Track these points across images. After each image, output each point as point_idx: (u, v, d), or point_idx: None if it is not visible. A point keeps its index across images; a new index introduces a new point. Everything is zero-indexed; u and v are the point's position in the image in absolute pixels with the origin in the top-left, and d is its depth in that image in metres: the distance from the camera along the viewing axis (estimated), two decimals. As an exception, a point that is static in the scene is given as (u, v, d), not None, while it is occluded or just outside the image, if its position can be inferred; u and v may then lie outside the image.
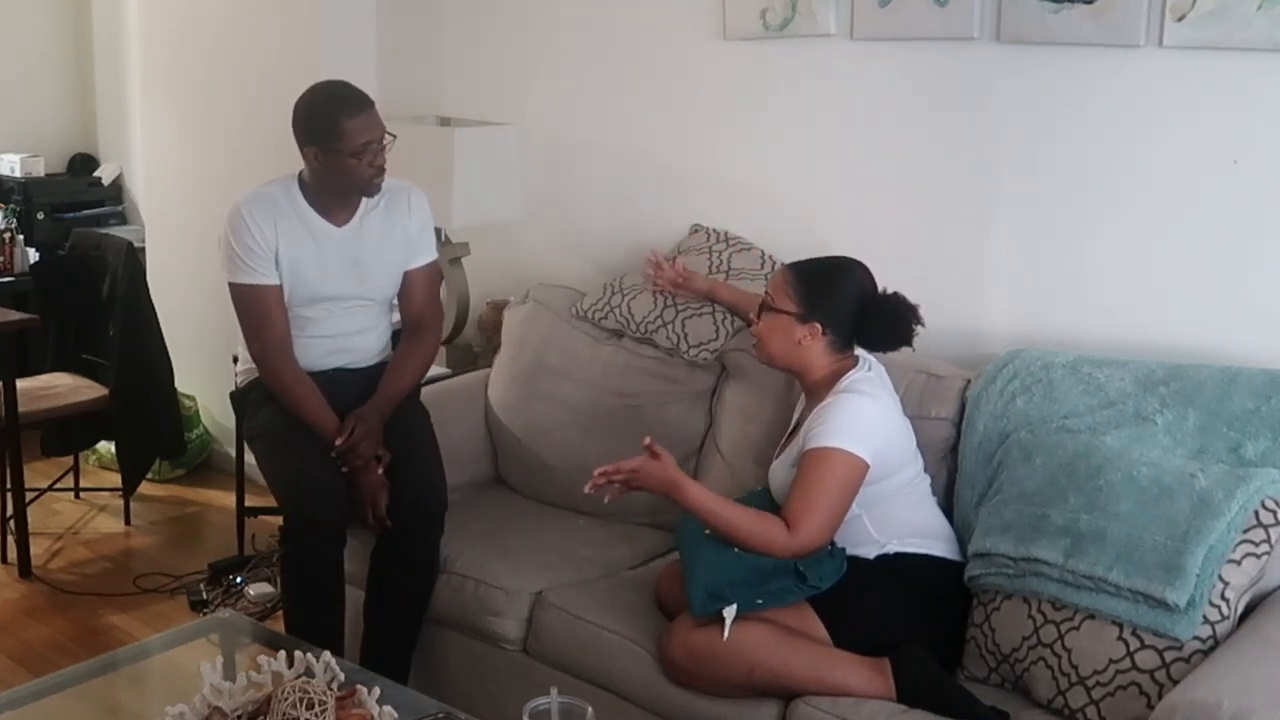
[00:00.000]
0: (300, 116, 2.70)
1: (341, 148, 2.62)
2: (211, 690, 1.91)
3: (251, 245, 2.68)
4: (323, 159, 2.65)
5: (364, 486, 2.66)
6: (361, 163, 2.65)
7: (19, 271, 4.83)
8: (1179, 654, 2.00)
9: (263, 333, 2.72)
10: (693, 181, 3.28)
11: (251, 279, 2.69)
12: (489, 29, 3.72)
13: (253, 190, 2.76)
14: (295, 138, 2.70)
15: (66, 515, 4.17)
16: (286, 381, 2.71)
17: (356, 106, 2.66)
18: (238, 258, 2.69)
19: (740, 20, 3.11)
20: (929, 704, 2.11)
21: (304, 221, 2.73)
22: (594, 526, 2.92)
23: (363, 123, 2.64)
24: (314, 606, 2.70)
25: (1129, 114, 2.56)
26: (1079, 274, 2.67)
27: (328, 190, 2.73)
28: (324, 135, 2.63)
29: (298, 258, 2.71)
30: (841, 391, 2.33)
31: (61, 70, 5.44)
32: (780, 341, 2.42)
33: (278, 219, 2.70)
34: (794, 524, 2.22)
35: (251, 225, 2.68)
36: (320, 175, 2.70)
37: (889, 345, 2.43)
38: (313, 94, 2.72)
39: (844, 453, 2.25)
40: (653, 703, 2.34)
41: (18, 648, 3.26)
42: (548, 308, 3.20)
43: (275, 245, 2.69)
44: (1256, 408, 2.25)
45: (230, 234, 2.70)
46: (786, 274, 2.44)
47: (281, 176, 2.79)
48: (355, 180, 2.69)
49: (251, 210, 2.70)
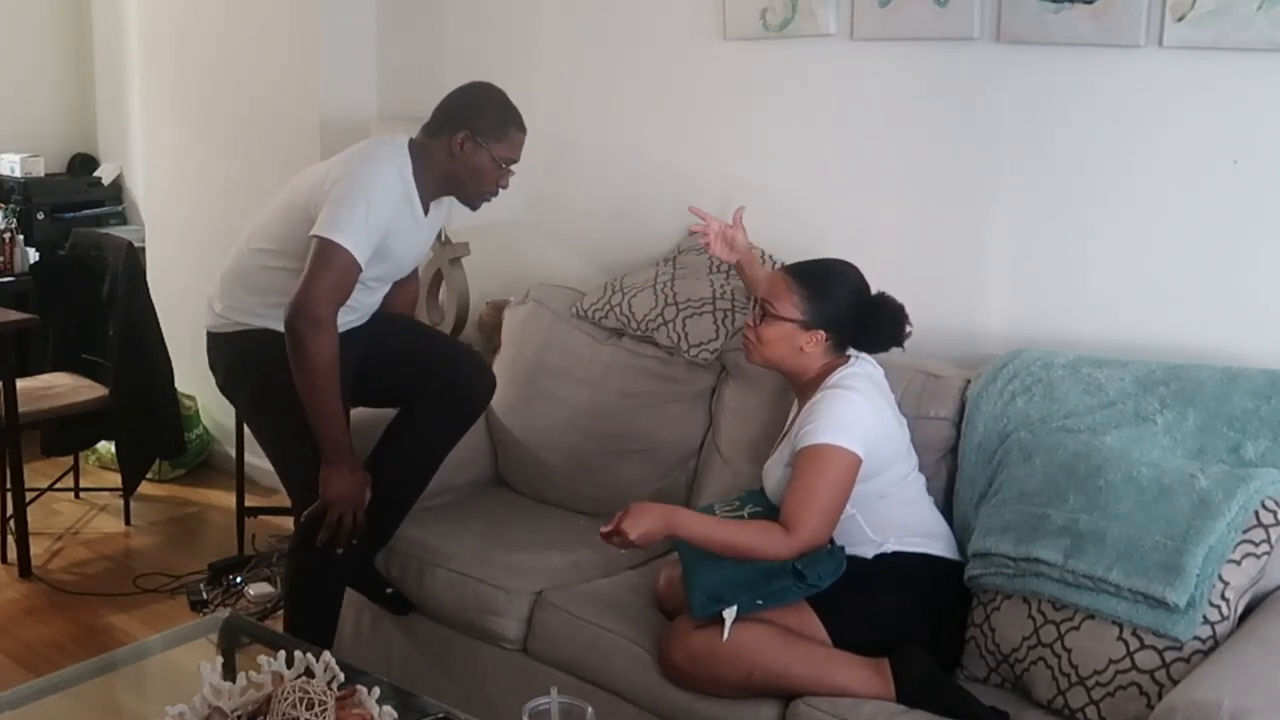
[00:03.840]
0: (473, 102, 2.64)
1: (495, 150, 2.60)
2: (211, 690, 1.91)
3: (376, 226, 2.52)
4: (467, 149, 2.59)
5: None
6: (496, 173, 2.64)
7: (19, 271, 4.84)
8: (1179, 654, 2.00)
9: (336, 294, 2.50)
10: (693, 181, 3.28)
11: (355, 251, 2.49)
12: (489, 29, 3.73)
13: (381, 162, 2.58)
14: (442, 118, 2.63)
15: (66, 515, 4.17)
16: (324, 349, 2.47)
17: (523, 125, 2.66)
18: (356, 226, 2.48)
19: (740, 20, 3.11)
20: (929, 704, 2.10)
21: (412, 209, 2.64)
22: (594, 526, 2.89)
23: (521, 141, 2.66)
24: (321, 611, 2.71)
25: (1129, 114, 2.56)
26: (1079, 274, 2.67)
27: (438, 181, 2.64)
28: (488, 131, 2.60)
29: (395, 245, 2.61)
30: (829, 388, 2.33)
31: (61, 70, 5.44)
32: (782, 348, 2.41)
33: (399, 207, 2.59)
34: (792, 525, 2.22)
35: (384, 210, 2.54)
36: (445, 164, 2.61)
37: (883, 347, 2.44)
38: (493, 90, 2.68)
39: (835, 448, 2.25)
40: (652, 703, 2.34)
41: (18, 648, 3.25)
42: (548, 308, 3.21)
43: (387, 232, 2.57)
44: (1256, 408, 2.25)
45: (359, 202, 2.50)
46: (787, 280, 2.42)
47: (393, 153, 2.61)
48: (480, 185, 2.65)
49: (388, 195, 2.56)
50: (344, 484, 2.56)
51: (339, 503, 2.56)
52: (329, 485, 2.55)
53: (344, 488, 2.56)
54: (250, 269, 2.67)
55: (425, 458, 2.79)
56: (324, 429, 2.52)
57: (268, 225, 2.69)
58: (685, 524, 2.27)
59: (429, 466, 2.80)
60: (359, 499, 2.59)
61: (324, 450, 2.54)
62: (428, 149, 2.63)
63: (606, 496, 2.97)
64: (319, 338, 2.45)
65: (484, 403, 2.89)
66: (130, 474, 4.06)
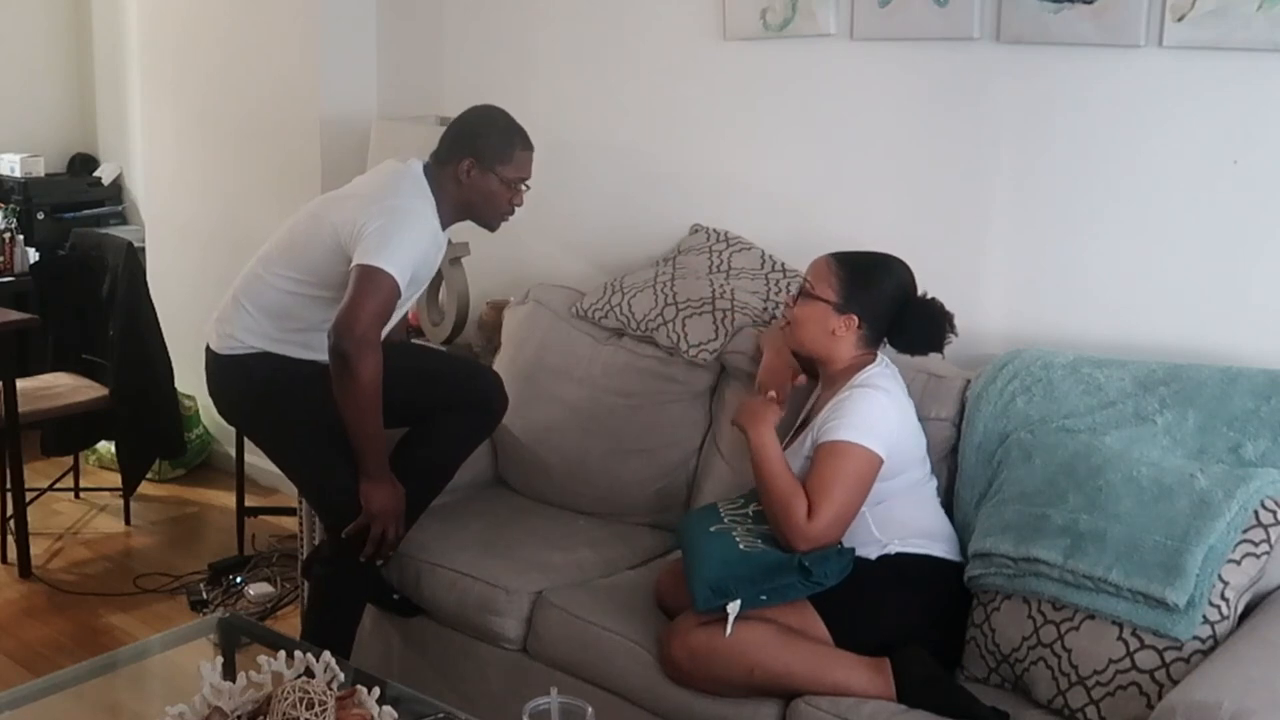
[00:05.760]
0: (476, 127, 2.67)
1: (501, 172, 2.63)
2: (211, 690, 1.91)
3: (414, 257, 2.55)
4: (475, 175, 2.62)
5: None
6: (507, 195, 2.66)
7: (19, 271, 4.84)
8: (1179, 654, 2.00)
9: (381, 317, 2.51)
10: (693, 181, 3.28)
11: (398, 277, 2.50)
12: (489, 29, 3.73)
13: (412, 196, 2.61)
14: (450, 145, 2.66)
15: (66, 515, 4.17)
16: (372, 369, 2.47)
17: (529, 143, 2.68)
18: (400, 255, 2.50)
19: (740, 20, 3.11)
20: (929, 704, 2.10)
21: (437, 238, 2.67)
22: (594, 526, 2.92)
23: (528, 159, 2.67)
24: (345, 622, 2.72)
25: (1129, 114, 2.56)
26: (1079, 274, 2.67)
27: (453, 207, 2.67)
28: (492, 155, 2.62)
29: (422, 273, 2.65)
30: (858, 386, 2.34)
31: (61, 70, 5.44)
32: (814, 329, 2.42)
33: (433, 238, 2.63)
34: (810, 513, 2.23)
35: (423, 241, 2.57)
36: (459, 190, 2.65)
37: (920, 349, 2.44)
38: (494, 111, 2.71)
39: (860, 447, 2.25)
40: (653, 703, 2.34)
41: (18, 648, 3.25)
42: (548, 308, 3.21)
43: (421, 262, 2.60)
44: (1256, 408, 2.25)
45: (401, 234, 2.52)
46: (830, 262, 2.43)
47: (416, 184, 2.64)
48: (494, 207, 2.68)
49: (425, 226, 2.59)
50: (386, 498, 2.59)
51: (382, 516, 2.59)
52: (372, 501, 2.58)
53: (387, 502, 2.59)
54: (267, 293, 2.67)
55: (440, 469, 2.80)
56: (367, 447, 2.54)
57: (290, 253, 2.68)
58: (765, 432, 2.33)
59: (443, 477, 2.81)
60: (400, 512, 2.63)
61: (366, 467, 2.56)
62: (439, 178, 2.66)
63: (606, 496, 2.97)
64: (367, 359, 2.45)
65: (499, 416, 2.92)
66: (130, 474, 4.06)
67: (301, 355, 2.58)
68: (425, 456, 2.76)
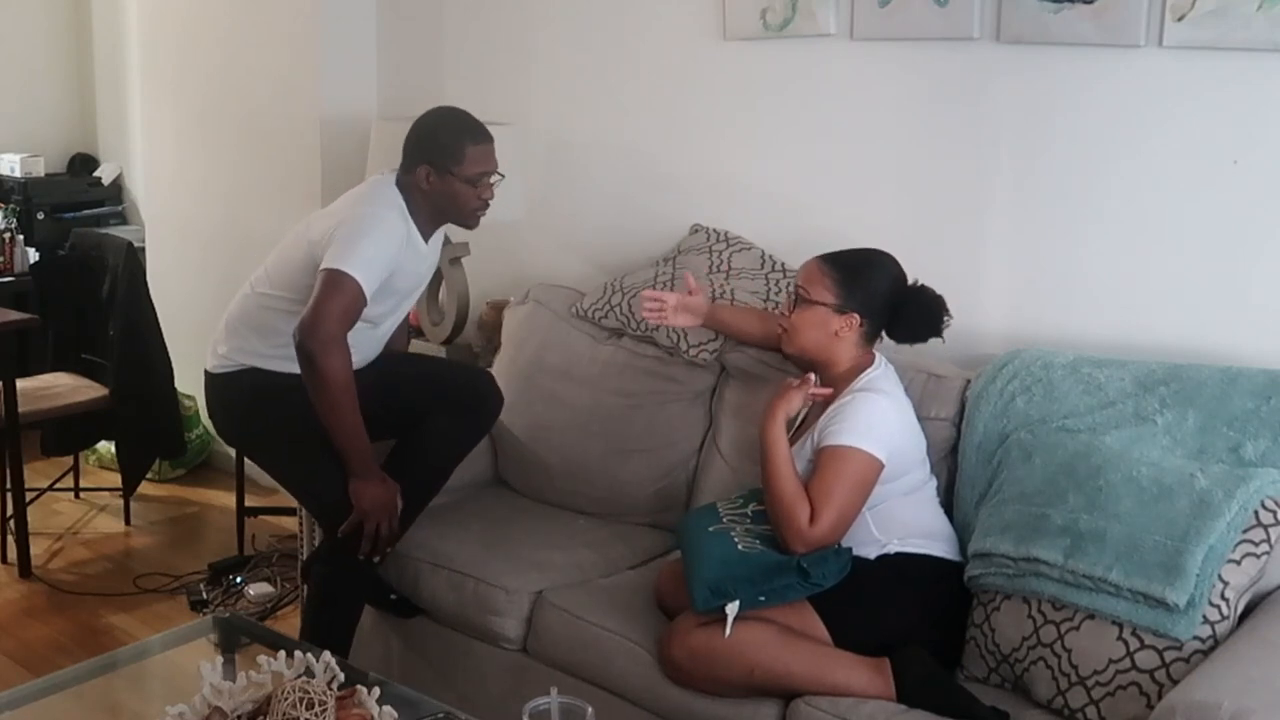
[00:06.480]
0: (422, 134, 2.67)
1: (458, 172, 2.62)
2: (211, 690, 1.91)
3: (382, 263, 2.56)
4: (434, 180, 2.63)
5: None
6: (472, 192, 2.65)
7: (19, 271, 4.84)
8: (1179, 654, 2.00)
9: (344, 318, 2.51)
10: (693, 181, 3.28)
11: (362, 282, 2.51)
12: (489, 29, 3.73)
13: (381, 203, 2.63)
14: (407, 155, 2.67)
15: (66, 515, 4.17)
16: (338, 366, 2.49)
17: (482, 136, 2.67)
18: (363, 260, 2.52)
19: (740, 20, 3.11)
20: (929, 704, 2.10)
21: (413, 245, 2.68)
22: (594, 526, 2.92)
23: (483, 152, 2.66)
24: (344, 621, 2.73)
25: (1129, 114, 2.56)
26: (1079, 274, 2.67)
27: (427, 214, 2.69)
28: (444, 156, 2.62)
29: (400, 282, 2.67)
30: (859, 390, 2.34)
31: (61, 70, 5.45)
32: (815, 333, 2.42)
33: (402, 246, 2.63)
34: (812, 518, 2.24)
35: (390, 248, 2.58)
36: (426, 197, 2.66)
37: (921, 337, 2.45)
38: (439, 115, 2.72)
39: (861, 452, 2.26)
40: (653, 703, 2.34)
41: (18, 648, 3.25)
42: (548, 308, 3.21)
43: (392, 270, 2.61)
44: (1256, 408, 2.25)
45: (365, 239, 2.55)
46: (821, 264, 2.44)
47: (387, 192, 2.66)
48: (462, 207, 2.68)
49: (393, 233, 2.60)
50: (376, 494, 2.60)
51: (374, 512, 2.60)
52: (362, 498, 2.59)
53: (377, 498, 2.60)
54: (255, 312, 2.72)
55: (437, 470, 2.81)
56: (348, 444, 2.56)
57: (272, 271, 2.74)
58: (777, 424, 2.31)
59: (440, 478, 2.82)
60: (392, 507, 2.63)
61: (351, 465, 2.58)
62: (408, 188, 2.67)
63: (606, 496, 2.97)
64: (332, 356, 2.47)
65: (494, 416, 2.94)
66: (130, 474, 4.06)
67: (288, 370, 2.59)
68: (422, 458, 2.77)
